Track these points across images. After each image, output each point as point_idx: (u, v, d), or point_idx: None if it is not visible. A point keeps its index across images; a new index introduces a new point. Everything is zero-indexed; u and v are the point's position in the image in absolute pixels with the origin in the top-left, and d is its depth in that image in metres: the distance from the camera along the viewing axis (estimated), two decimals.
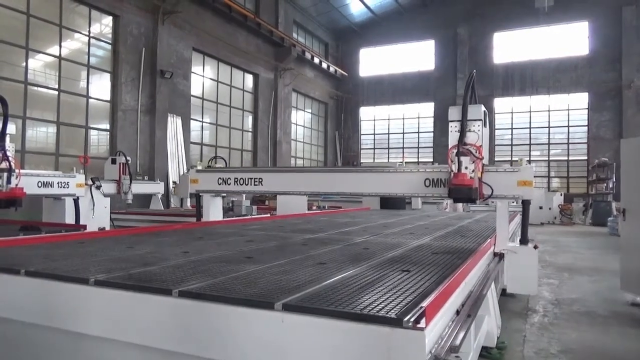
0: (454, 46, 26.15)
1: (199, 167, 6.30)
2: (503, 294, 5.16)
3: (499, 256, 4.22)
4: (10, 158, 5.38)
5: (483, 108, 4.15)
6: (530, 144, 25.66)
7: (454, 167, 3.89)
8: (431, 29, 26.57)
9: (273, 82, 22.47)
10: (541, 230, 16.91)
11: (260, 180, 5.53)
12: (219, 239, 4.28)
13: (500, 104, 25.85)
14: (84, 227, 6.32)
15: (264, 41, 21.32)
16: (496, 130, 25.75)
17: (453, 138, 4.01)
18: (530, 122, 25.59)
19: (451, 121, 4.09)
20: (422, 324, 1.72)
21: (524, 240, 4.44)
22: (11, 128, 5.81)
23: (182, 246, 3.75)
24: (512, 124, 25.83)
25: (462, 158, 3.89)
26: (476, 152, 3.92)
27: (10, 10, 11.55)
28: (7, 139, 5.72)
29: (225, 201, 8.98)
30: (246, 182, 5.60)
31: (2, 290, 2.67)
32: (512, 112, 25.86)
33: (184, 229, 5.40)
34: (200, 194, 6.15)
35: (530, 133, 25.62)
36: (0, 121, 5.68)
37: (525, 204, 4.33)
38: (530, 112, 25.55)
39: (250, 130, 21.81)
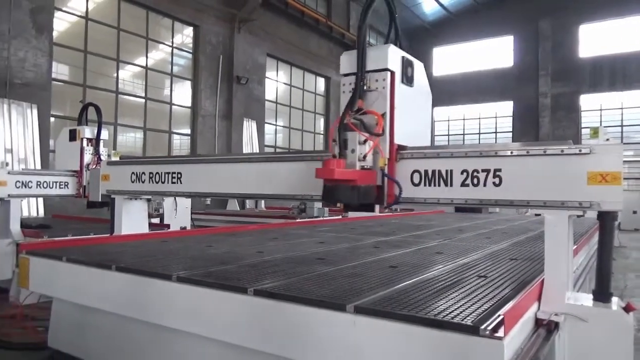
0: (535, 41, 24.75)
1: (114, 157, 4.51)
2: None
3: (548, 326, 2.10)
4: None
5: (401, 52, 2.63)
6: (622, 144, 23.69)
7: (336, 150, 2.48)
8: (510, 24, 25.35)
9: None
10: (637, 237, 15.54)
11: (179, 175, 3.74)
12: (292, 240, 4.36)
13: (588, 101, 24.10)
14: (168, 226, 6.72)
15: (336, 44, 21.47)
16: (582, 129, 24.05)
17: (345, 103, 2.57)
18: (622, 120, 23.59)
19: (344, 75, 2.65)
20: (500, 333, 1.64)
21: (602, 293, 2.21)
22: (104, 134, 6.32)
23: (257, 246, 3.87)
24: (600, 122, 23.95)
25: (349, 134, 2.44)
26: (375, 124, 2.44)
27: (104, 25, 12.56)
28: (101, 144, 6.24)
29: (152, 206, 6.61)
30: (162, 179, 3.85)
31: (96, 284, 2.90)
32: (600, 110, 24.00)
33: (258, 229, 5.57)
34: (113, 196, 4.35)
35: (622, 131, 23.62)
36: (95, 128, 6.21)
37: (607, 219, 2.19)
38: (622, 108, 23.56)
39: (322, 132, 22.05)
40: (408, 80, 2.65)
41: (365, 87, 2.53)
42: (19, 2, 10.11)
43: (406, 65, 2.65)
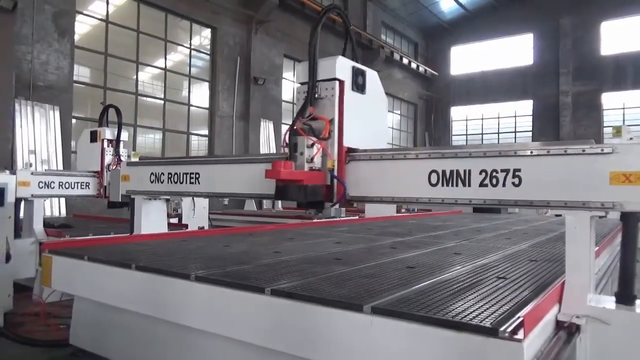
0: (555, 39, 24.34)
1: (134, 158, 4.64)
2: None
3: (569, 329, 2.09)
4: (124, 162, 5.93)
5: (351, 63, 2.87)
6: None
7: (288, 153, 2.77)
8: (529, 22, 25.00)
9: None
10: None
11: (197, 176, 3.76)
12: (309, 240, 4.37)
13: (610, 99, 23.61)
14: (186, 226, 6.79)
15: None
16: (604, 128, 23.59)
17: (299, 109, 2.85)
18: None
19: (300, 84, 2.92)
20: (520, 335, 1.61)
21: (625, 296, 2.17)
22: (124, 135, 6.43)
23: (274, 246, 3.88)
24: (623, 120, 23.45)
25: (298, 139, 2.69)
26: (321, 129, 2.69)
27: (124, 28, 12.76)
28: (121, 145, 6.34)
29: (171, 206, 6.74)
30: (181, 180, 3.89)
31: (116, 283, 2.95)
32: (623, 108, 23.50)
33: (275, 229, 5.59)
34: (133, 196, 4.40)
35: None
36: (115, 129, 6.31)
37: (630, 220, 2.18)
38: None
39: None
40: (359, 88, 2.86)
41: (316, 95, 2.77)
42: (41, 7, 10.34)
43: (357, 74, 2.86)
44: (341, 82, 2.77)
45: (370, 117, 2.99)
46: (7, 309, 4.57)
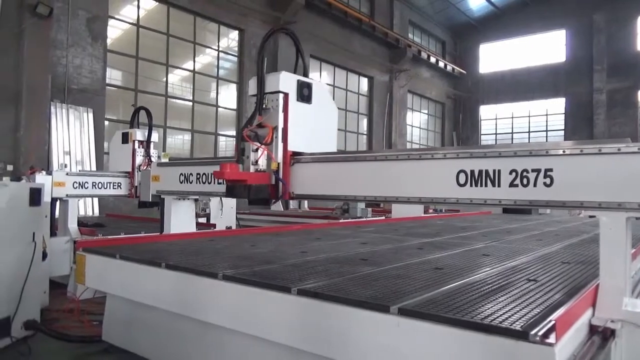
0: (588, 35, 23.62)
1: (164, 159, 4.87)
2: None
3: (603, 334, 2.02)
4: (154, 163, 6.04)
5: (296, 77, 3.25)
6: None
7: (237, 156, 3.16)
8: (561, 18, 24.34)
9: (388, 84, 22.36)
10: None
11: None
12: (335, 241, 4.37)
13: None
14: (214, 225, 6.88)
15: (379, 44, 21.32)
16: None
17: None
18: None
19: (251, 96, 3.27)
20: (552, 339, 1.58)
21: None
22: (155, 136, 6.55)
23: (300, 246, 3.90)
24: None
25: (245, 144, 3.08)
26: (264, 136, 3.03)
27: (154, 32, 13.03)
28: (152, 146, 6.46)
29: (199, 206, 6.80)
30: (209, 180, 3.95)
31: (147, 281, 3.01)
32: None
33: (302, 229, 5.61)
34: (163, 196, 4.49)
35: None
36: (146, 131, 6.44)
37: None
38: None
39: (365, 133, 21.94)
40: (304, 98, 3.19)
41: (264, 106, 3.12)
42: (76, 12, 10.66)
43: (302, 87, 3.21)
44: (285, 94, 3.12)
45: (317, 124, 3.31)
46: (44, 305, 4.70)
